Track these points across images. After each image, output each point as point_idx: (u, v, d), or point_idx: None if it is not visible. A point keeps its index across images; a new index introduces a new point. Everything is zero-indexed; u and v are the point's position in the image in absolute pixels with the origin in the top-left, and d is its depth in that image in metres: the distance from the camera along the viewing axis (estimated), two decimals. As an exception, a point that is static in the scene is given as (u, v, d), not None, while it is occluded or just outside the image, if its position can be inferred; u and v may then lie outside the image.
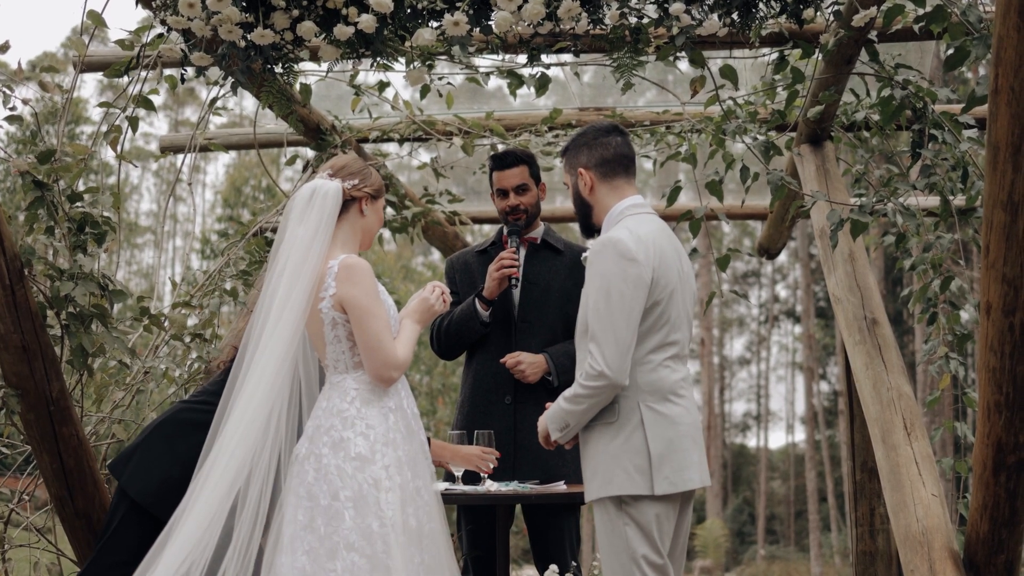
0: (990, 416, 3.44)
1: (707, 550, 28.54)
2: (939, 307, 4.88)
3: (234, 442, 3.51)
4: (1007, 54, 2.84)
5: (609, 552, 3.55)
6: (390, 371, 3.59)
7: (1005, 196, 3.02)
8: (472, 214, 7.73)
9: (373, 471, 3.49)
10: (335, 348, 3.65)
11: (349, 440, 3.52)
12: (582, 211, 3.87)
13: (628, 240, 3.57)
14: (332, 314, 3.60)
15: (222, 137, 6.83)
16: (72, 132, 25.55)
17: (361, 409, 3.58)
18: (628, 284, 3.52)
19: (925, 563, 4.03)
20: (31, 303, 4.01)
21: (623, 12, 4.26)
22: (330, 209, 3.67)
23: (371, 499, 3.46)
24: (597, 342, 3.50)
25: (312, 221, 3.65)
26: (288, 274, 3.60)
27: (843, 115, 5.71)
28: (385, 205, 3.85)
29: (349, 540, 3.41)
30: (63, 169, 4.22)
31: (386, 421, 3.59)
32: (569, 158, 3.87)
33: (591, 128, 3.88)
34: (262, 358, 3.57)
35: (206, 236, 24.61)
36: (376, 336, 3.55)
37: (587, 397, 3.53)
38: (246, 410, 3.53)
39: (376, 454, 3.52)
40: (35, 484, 5.01)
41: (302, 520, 3.47)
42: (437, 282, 3.93)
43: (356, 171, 3.77)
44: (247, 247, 5.66)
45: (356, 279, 3.57)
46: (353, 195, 3.73)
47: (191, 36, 4.39)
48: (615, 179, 3.81)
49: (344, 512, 3.44)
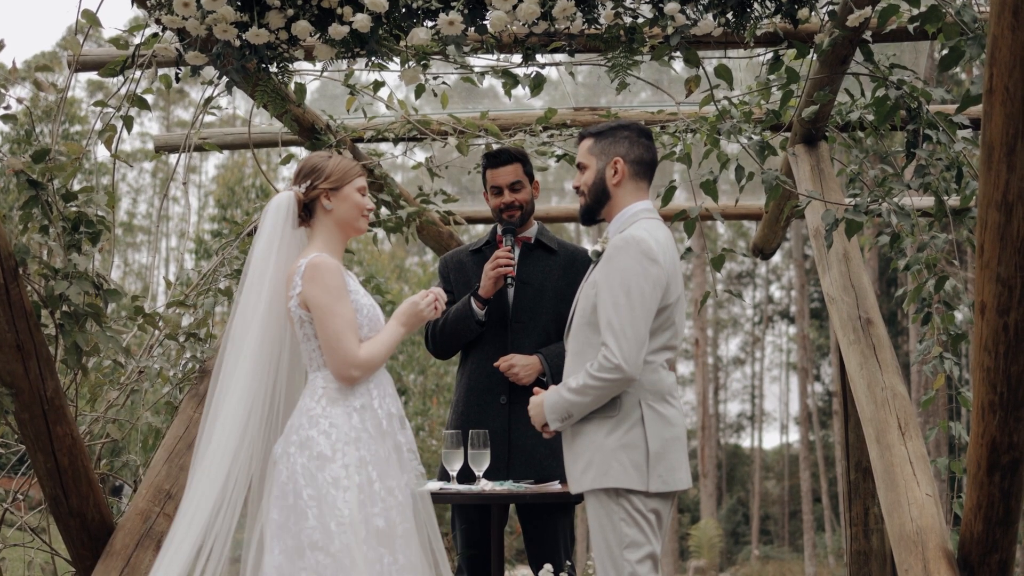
0: (984, 416, 3.45)
1: (701, 550, 28.57)
2: (933, 307, 4.89)
3: (218, 455, 3.59)
4: (1002, 54, 2.85)
5: (602, 544, 3.57)
6: (349, 370, 3.64)
7: (1000, 196, 3.02)
8: (467, 214, 7.74)
9: (333, 470, 3.53)
10: (306, 347, 3.74)
11: (313, 439, 3.57)
12: (598, 199, 3.85)
13: (651, 241, 3.61)
14: (299, 312, 3.68)
15: (217, 137, 6.82)
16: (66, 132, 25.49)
17: (327, 408, 3.64)
18: (648, 283, 3.56)
19: (919, 563, 4.03)
20: (25, 302, 4.00)
21: (618, 12, 4.26)
22: (282, 218, 3.78)
23: (330, 498, 3.49)
24: (615, 335, 3.51)
25: (266, 233, 3.78)
26: (249, 286, 3.75)
27: (838, 115, 5.71)
28: (365, 188, 3.86)
29: (313, 539, 3.45)
30: (57, 168, 4.21)
31: (350, 420, 3.63)
32: (605, 144, 3.84)
33: (632, 124, 3.88)
34: (235, 371, 3.68)
35: (199, 236, 24.55)
36: (335, 334, 3.61)
37: (597, 389, 3.54)
38: (224, 424, 3.62)
39: (337, 453, 3.56)
40: (29, 484, 5.00)
41: (277, 519, 3.52)
42: (437, 289, 3.94)
43: (308, 172, 3.83)
44: (241, 246, 5.65)
45: (318, 278, 3.63)
46: (310, 196, 3.79)
47: (186, 35, 4.38)
48: (641, 181, 3.84)
49: (308, 511, 3.48)
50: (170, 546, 3.52)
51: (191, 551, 3.48)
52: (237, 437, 3.60)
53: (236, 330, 3.72)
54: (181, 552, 3.48)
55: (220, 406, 3.65)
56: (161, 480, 4.65)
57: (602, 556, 3.56)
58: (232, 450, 3.59)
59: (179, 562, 3.46)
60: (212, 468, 3.57)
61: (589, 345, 3.67)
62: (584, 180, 3.87)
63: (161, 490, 4.62)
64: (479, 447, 4.23)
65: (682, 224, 4.76)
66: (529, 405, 3.86)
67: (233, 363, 3.67)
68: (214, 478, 3.56)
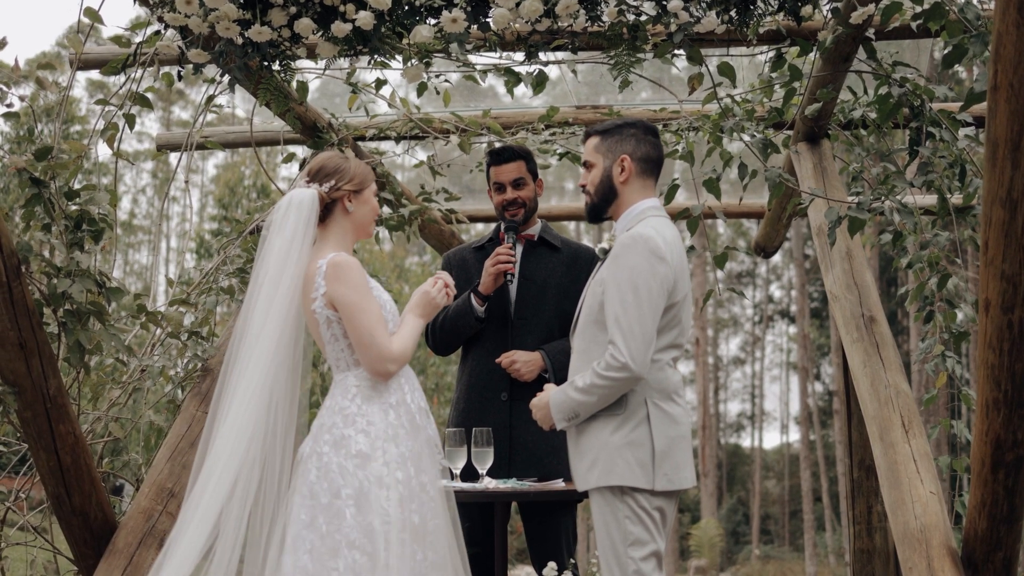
0: (988, 413, 3.45)
1: (702, 550, 28.58)
2: (936, 305, 4.89)
3: (226, 454, 3.54)
4: (1006, 50, 2.84)
5: (606, 542, 3.57)
6: (385, 364, 3.62)
7: (1004, 193, 3.02)
8: (469, 212, 7.72)
9: (374, 468, 3.51)
10: (333, 347, 3.70)
11: (350, 437, 3.55)
12: (605, 197, 3.83)
13: (658, 239, 3.60)
14: (325, 313, 3.64)
15: (218, 135, 6.81)
16: (66, 132, 25.53)
17: (362, 406, 3.61)
18: (656, 281, 3.55)
19: (923, 560, 4.03)
20: (28, 300, 4.00)
21: (621, 9, 4.25)
22: (305, 216, 3.71)
23: (372, 496, 3.47)
24: (623, 334, 3.50)
25: (288, 230, 3.70)
26: (267, 284, 3.67)
27: (840, 113, 5.71)
28: (377, 192, 3.85)
29: (350, 538, 3.43)
30: (60, 166, 4.21)
31: (387, 417, 3.61)
32: (612, 142, 3.82)
33: (639, 122, 3.87)
34: (246, 371, 3.62)
35: (200, 236, 24.57)
36: (367, 330, 3.59)
37: (604, 388, 3.53)
38: (232, 427, 3.57)
39: (377, 451, 3.54)
40: (31, 483, 5.00)
41: (304, 519, 3.49)
42: (442, 272, 3.94)
43: (331, 171, 3.78)
44: (243, 245, 5.65)
45: (343, 276, 3.61)
46: (333, 197, 3.76)
47: (188, 33, 4.38)
48: (648, 179, 3.83)
49: (345, 510, 3.46)
50: (178, 547, 3.49)
51: (197, 553, 3.46)
52: (247, 438, 3.54)
53: (250, 327, 3.65)
54: (191, 553, 3.45)
55: (230, 405, 3.59)
56: (164, 478, 4.65)
57: (607, 554, 3.56)
58: (241, 451, 3.55)
59: (187, 563, 3.43)
60: (218, 468, 3.54)
61: (595, 343, 3.67)
62: (591, 178, 3.86)
63: (164, 488, 4.62)
64: (482, 445, 4.23)
65: (684, 222, 4.76)
66: (532, 404, 3.84)
67: (246, 361, 3.61)
68: (222, 478, 3.53)
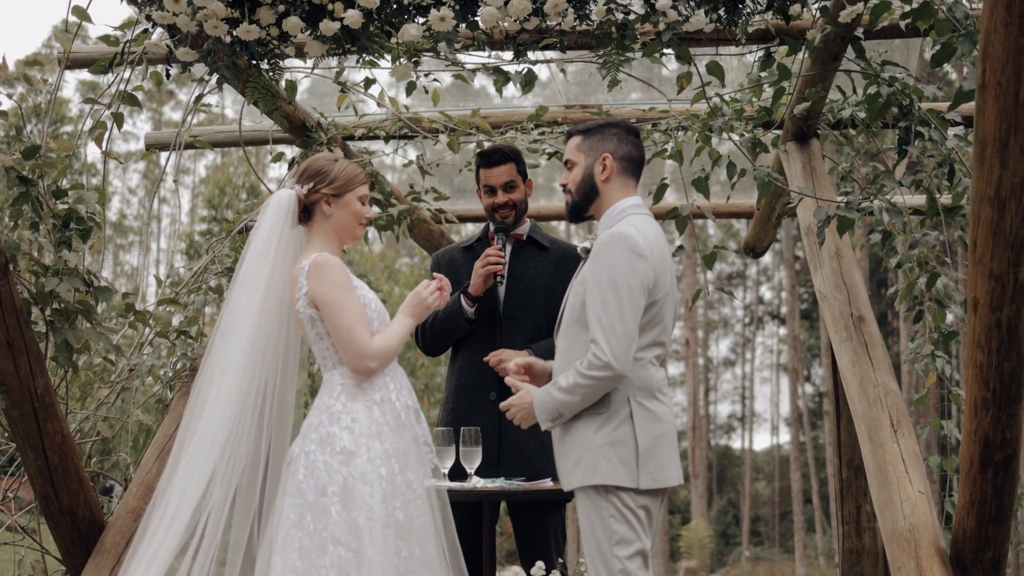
0: (977, 412, 3.45)
1: (692, 551, 28.58)
2: (925, 305, 4.89)
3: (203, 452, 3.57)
4: (994, 49, 2.85)
5: (592, 541, 3.56)
6: (365, 361, 3.64)
7: (992, 191, 3.02)
8: (458, 212, 7.72)
9: (359, 464, 3.53)
10: (319, 346, 3.74)
11: (335, 435, 3.57)
12: (586, 196, 3.83)
13: (638, 237, 3.59)
14: (308, 312, 3.68)
15: (207, 135, 6.79)
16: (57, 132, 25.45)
17: (347, 404, 3.65)
18: (636, 279, 3.55)
19: (912, 560, 4.03)
20: (16, 299, 3.99)
21: (609, 8, 4.25)
22: (282, 216, 3.77)
23: (357, 493, 3.50)
24: (604, 332, 3.50)
25: (265, 230, 3.77)
26: (248, 282, 3.73)
27: (829, 112, 5.72)
28: (367, 196, 3.86)
29: (336, 535, 3.45)
30: (48, 165, 4.20)
31: (371, 414, 3.63)
32: (593, 142, 3.82)
33: (620, 122, 3.89)
34: (226, 366, 3.67)
35: (190, 236, 24.54)
36: (346, 327, 3.62)
37: (586, 387, 3.53)
38: (210, 423, 3.61)
39: (361, 447, 3.56)
40: (19, 484, 4.98)
41: (293, 518, 3.51)
42: (439, 275, 3.95)
43: (313, 173, 3.81)
44: (232, 244, 5.64)
45: (323, 275, 3.64)
46: (311, 199, 3.78)
47: (176, 32, 4.37)
48: (629, 178, 3.83)
49: (331, 507, 3.48)
50: (151, 544, 3.49)
51: (171, 551, 3.47)
52: (224, 433, 3.59)
53: (227, 325, 3.71)
54: (163, 550, 3.46)
55: (206, 401, 3.64)
56: (152, 478, 4.64)
57: (592, 553, 3.56)
58: (219, 447, 3.58)
59: (160, 559, 3.44)
60: (195, 464, 3.56)
61: (579, 342, 3.66)
62: (572, 177, 3.86)
63: (152, 488, 4.59)
64: (471, 444, 4.22)
65: (674, 222, 4.76)
66: (509, 402, 3.82)
67: (223, 358, 3.66)
68: (197, 475, 3.55)
